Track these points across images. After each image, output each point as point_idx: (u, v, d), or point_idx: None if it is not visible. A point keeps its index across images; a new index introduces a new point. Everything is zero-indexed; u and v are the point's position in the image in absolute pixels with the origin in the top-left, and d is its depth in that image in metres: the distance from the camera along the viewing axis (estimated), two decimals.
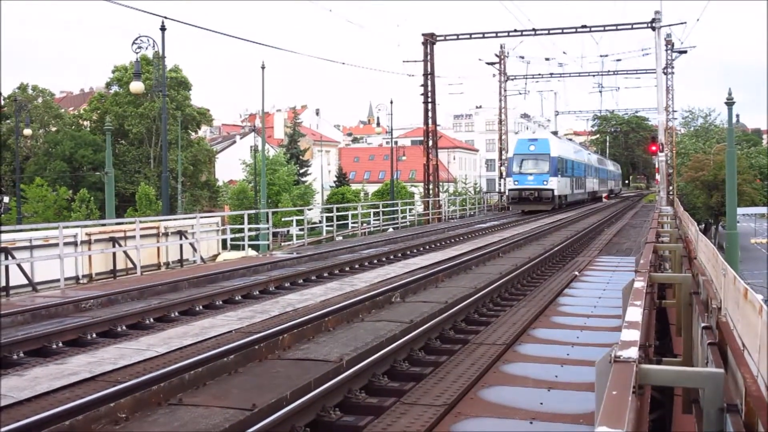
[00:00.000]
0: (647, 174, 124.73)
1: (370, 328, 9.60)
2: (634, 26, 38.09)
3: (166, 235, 21.11)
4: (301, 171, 73.81)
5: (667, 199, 38.81)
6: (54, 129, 66.94)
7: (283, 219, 37.69)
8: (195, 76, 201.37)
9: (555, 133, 61.43)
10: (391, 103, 48.91)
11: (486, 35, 40.33)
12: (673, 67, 50.65)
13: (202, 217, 22.64)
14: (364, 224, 34.20)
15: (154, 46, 23.86)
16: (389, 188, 53.54)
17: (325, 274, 15.84)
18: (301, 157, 77.52)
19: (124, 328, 10.41)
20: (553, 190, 41.10)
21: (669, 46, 46.75)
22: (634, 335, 4.32)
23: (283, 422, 5.99)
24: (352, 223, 32.81)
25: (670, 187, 45.40)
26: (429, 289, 13.28)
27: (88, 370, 7.45)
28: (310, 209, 46.86)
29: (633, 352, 3.79)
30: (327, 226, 30.79)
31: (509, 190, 42.81)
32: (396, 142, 67.00)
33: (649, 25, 37.26)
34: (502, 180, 50.29)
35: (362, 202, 50.04)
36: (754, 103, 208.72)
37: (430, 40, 39.86)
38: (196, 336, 9.07)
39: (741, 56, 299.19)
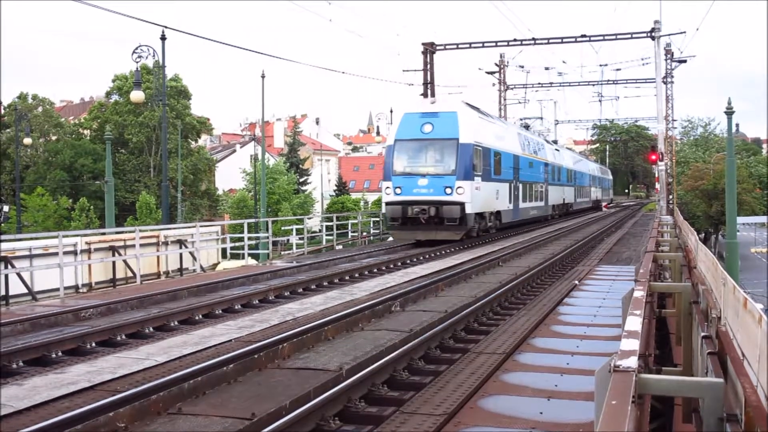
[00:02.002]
0: (647, 183, 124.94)
1: (369, 337, 9.60)
2: (634, 36, 38.17)
3: (165, 244, 21.11)
4: (301, 180, 73.84)
5: (666, 208, 38.82)
6: (54, 138, 67.01)
7: (282, 228, 37.73)
8: (195, 85, 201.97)
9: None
10: (391, 112, 48.76)
11: (486, 44, 40.39)
12: (672, 77, 50.75)
13: (201, 226, 22.64)
14: (364, 233, 34.22)
15: (154, 56, 23.90)
16: None
17: (325, 283, 15.83)
18: (301, 166, 77.58)
19: (123, 337, 10.40)
20: (462, 204, 23.89)
21: (668, 56, 46.85)
22: (633, 344, 4.32)
23: None
24: (352, 232, 32.83)
25: (670, 196, 45.24)
26: (429, 298, 13.27)
27: (88, 379, 7.44)
28: (309, 218, 46.88)
29: (632, 362, 3.79)
30: (327, 235, 30.80)
31: (386, 204, 25.05)
32: None
33: (649, 34, 37.34)
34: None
35: (362, 211, 50.04)
36: (753, 112, 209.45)
37: (429, 49, 39.94)
38: (196, 345, 9.07)
39: (741, 66, 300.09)
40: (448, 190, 23.96)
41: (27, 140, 41.41)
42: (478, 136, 25.60)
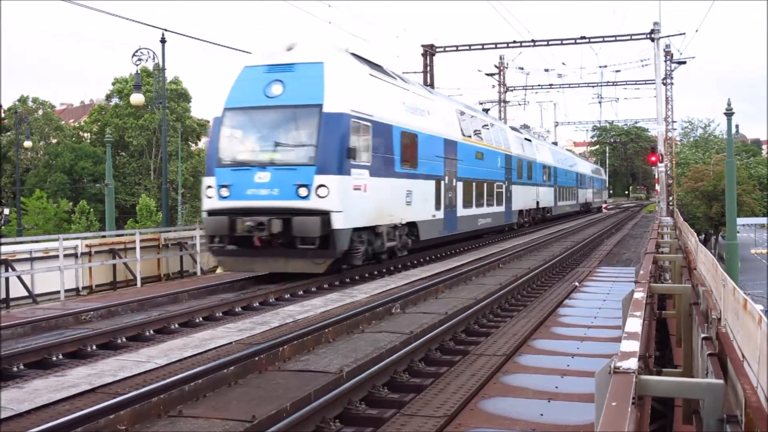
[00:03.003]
0: (647, 185, 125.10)
1: (370, 339, 9.60)
2: (633, 37, 38.19)
3: (166, 246, 21.10)
4: None
5: (667, 210, 38.81)
6: (54, 141, 67.09)
7: None
8: (195, 87, 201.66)
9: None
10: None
11: (485, 46, 40.42)
12: (672, 78, 50.74)
13: (202, 229, 22.61)
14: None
15: (154, 58, 23.89)
16: None
17: (325, 285, 15.82)
18: None
19: (124, 339, 10.41)
20: (327, 213, 15.09)
21: (668, 57, 46.89)
22: (633, 346, 4.32)
23: None
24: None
25: (670, 198, 45.23)
26: (429, 300, 13.27)
27: (88, 382, 7.44)
28: None
29: (633, 363, 3.79)
30: None
31: (206, 214, 16.34)
32: None
33: (648, 36, 37.38)
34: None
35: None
36: (753, 113, 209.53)
37: (429, 51, 39.96)
38: (196, 348, 9.07)
39: (740, 67, 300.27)
40: (303, 191, 15.02)
41: (27, 143, 41.43)
42: (365, 103, 16.55)
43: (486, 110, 36.32)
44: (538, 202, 37.81)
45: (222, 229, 15.32)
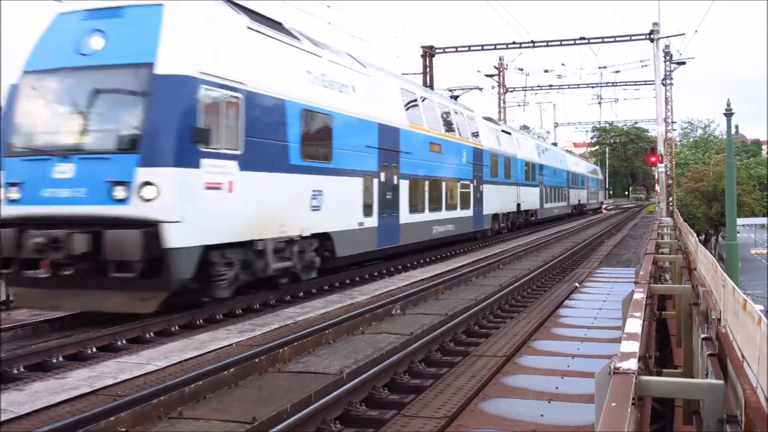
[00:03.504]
0: (647, 185, 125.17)
1: (370, 341, 9.61)
2: (633, 38, 38.28)
3: None
4: None
5: (666, 210, 38.84)
6: None
7: None
8: None
9: None
10: None
11: (485, 47, 40.49)
12: (671, 79, 50.75)
13: None
14: None
15: None
16: None
17: (326, 287, 15.82)
18: None
19: (124, 342, 10.40)
20: (154, 225, 10.35)
21: (667, 58, 46.95)
22: (633, 347, 4.32)
23: None
24: None
25: (670, 198, 45.24)
26: (429, 301, 13.27)
27: (88, 384, 7.44)
28: None
29: (632, 364, 3.80)
30: None
31: None
32: None
33: (648, 36, 37.44)
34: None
35: None
36: (753, 113, 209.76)
37: (429, 52, 39.99)
38: (197, 349, 9.07)
39: (740, 67, 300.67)
40: (120, 192, 10.61)
41: None
42: (234, 66, 12.05)
43: (455, 97, 29.76)
44: (519, 204, 33.24)
45: (8, 247, 10.72)
